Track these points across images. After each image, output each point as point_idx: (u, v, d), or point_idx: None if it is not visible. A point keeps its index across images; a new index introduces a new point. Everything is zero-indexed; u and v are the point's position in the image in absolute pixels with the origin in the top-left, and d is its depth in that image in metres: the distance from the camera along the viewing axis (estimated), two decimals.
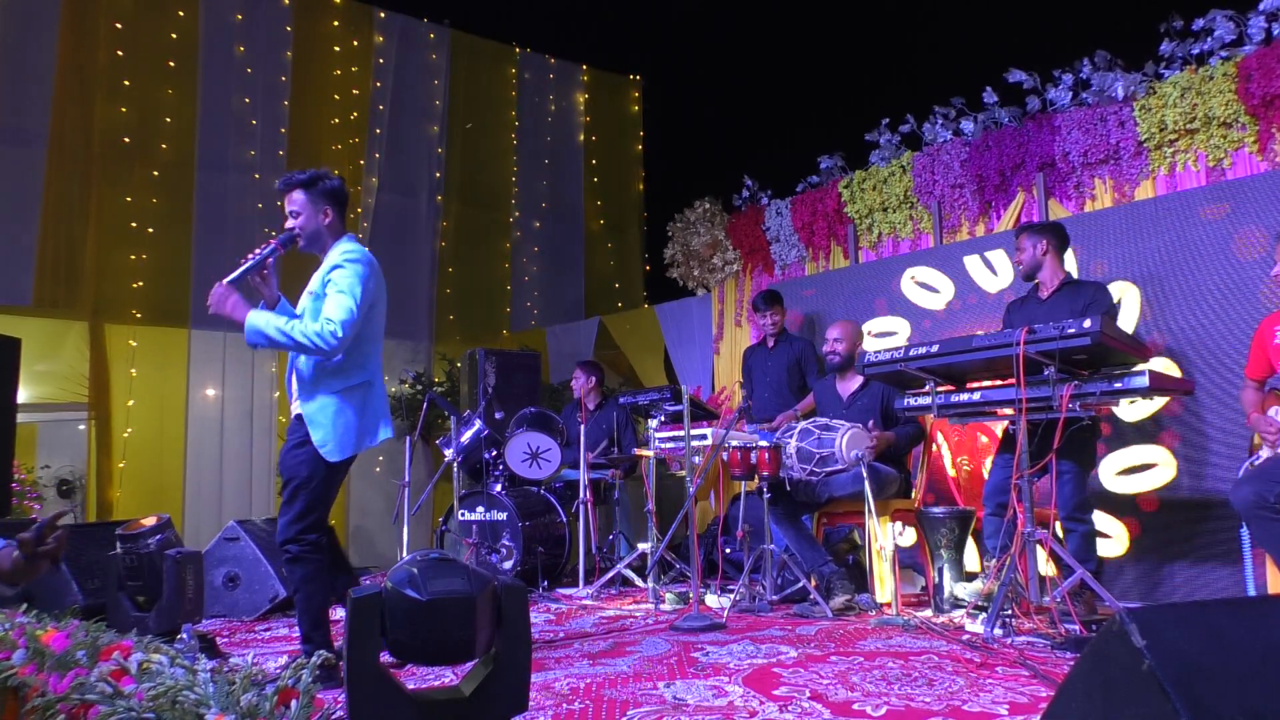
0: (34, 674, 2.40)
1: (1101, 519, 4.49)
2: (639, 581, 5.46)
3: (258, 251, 3.15)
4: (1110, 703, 1.28)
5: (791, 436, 4.65)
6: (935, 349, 3.81)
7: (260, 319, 3.05)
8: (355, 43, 8.67)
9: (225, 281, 3.06)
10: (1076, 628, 3.45)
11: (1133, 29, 5.43)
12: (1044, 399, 3.54)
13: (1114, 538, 4.68)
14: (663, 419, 5.32)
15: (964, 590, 4.18)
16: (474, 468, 5.89)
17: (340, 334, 3.03)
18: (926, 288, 5.81)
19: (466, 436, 5.76)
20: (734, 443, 4.61)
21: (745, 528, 4.95)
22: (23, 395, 6.09)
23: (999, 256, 5.43)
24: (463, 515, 5.66)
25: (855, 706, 2.59)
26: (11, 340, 5.14)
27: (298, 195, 3.22)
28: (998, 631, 3.53)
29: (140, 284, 7.31)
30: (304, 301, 3.24)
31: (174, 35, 7.70)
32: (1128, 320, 4.76)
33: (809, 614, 4.31)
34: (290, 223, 3.23)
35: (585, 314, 9.89)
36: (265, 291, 3.25)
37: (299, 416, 3.21)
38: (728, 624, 4.09)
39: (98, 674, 2.27)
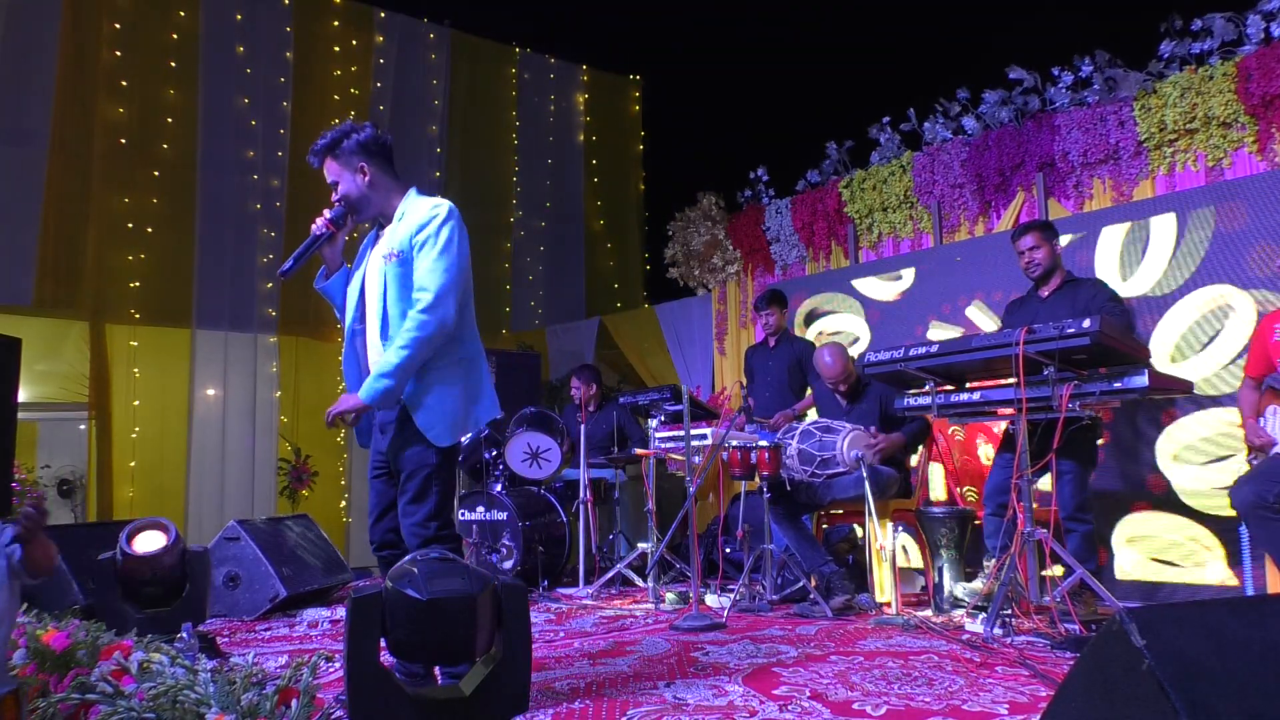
0: (35, 674, 2.40)
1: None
2: (639, 581, 5.46)
3: (317, 227, 2.85)
4: (1110, 702, 1.28)
5: (792, 438, 4.65)
6: (935, 349, 3.81)
7: (368, 388, 2.68)
8: (355, 43, 8.67)
9: (279, 272, 2.77)
10: (1076, 627, 3.45)
11: (1133, 29, 5.43)
12: (1044, 399, 3.55)
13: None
14: (663, 419, 5.32)
15: (964, 590, 4.18)
16: (474, 467, 5.89)
17: (447, 303, 2.70)
18: None
19: (466, 436, 5.77)
20: (734, 442, 4.61)
21: (745, 527, 4.96)
22: (23, 395, 6.08)
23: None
24: (463, 515, 5.67)
25: (855, 706, 2.60)
26: (12, 340, 5.13)
27: (329, 165, 2.87)
28: (997, 631, 3.54)
29: (137, 284, 7.31)
30: (380, 266, 2.80)
31: (174, 35, 7.70)
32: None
33: (809, 614, 4.31)
34: (335, 196, 2.89)
35: (585, 314, 9.89)
36: (330, 259, 2.96)
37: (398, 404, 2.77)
38: (728, 624, 4.09)
39: (98, 674, 2.28)
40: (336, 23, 8.59)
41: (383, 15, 8.84)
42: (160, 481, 7.26)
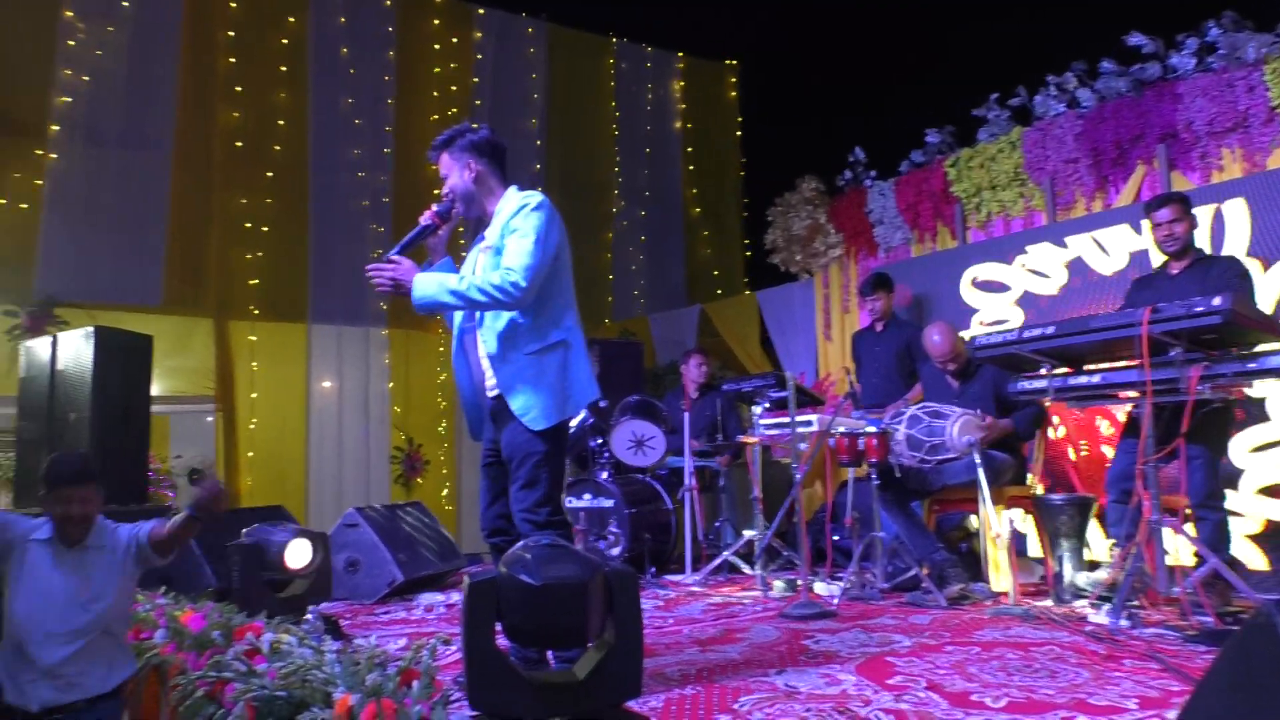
0: (174, 653, 2.54)
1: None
2: (746, 569, 5.45)
3: (424, 218, 2.94)
4: (1256, 699, 1.22)
5: (900, 423, 4.55)
6: (1051, 330, 3.67)
7: (428, 285, 2.77)
8: (455, 40, 8.84)
9: (384, 258, 2.86)
10: (1210, 620, 3.29)
11: None
12: (1170, 381, 3.38)
13: None
14: (767, 405, 5.27)
15: (1086, 580, 4.03)
16: (580, 455, 5.96)
17: (523, 283, 2.71)
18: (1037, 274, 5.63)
19: (572, 425, 5.83)
20: (840, 429, 4.54)
21: (854, 515, 4.88)
22: (155, 389, 6.42)
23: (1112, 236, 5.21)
24: (570, 502, 5.74)
25: (974, 698, 2.53)
26: (144, 338, 5.42)
27: (443, 159, 2.98)
28: (1124, 623, 3.40)
29: (256, 281, 7.63)
30: (482, 260, 2.91)
31: (284, 40, 7.99)
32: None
33: (922, 602, 4.22)
34: (444, 190, 3.00)
35: (686, 301, 9.90)
36: (434, 249, 3.07)
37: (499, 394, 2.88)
38: (839, 612, 4.04)
39: (233, 653, 2.39)
40: (437, 21, 8.78)
41: (481, 12, 8.99)
42: (282, 470, 7.58)
